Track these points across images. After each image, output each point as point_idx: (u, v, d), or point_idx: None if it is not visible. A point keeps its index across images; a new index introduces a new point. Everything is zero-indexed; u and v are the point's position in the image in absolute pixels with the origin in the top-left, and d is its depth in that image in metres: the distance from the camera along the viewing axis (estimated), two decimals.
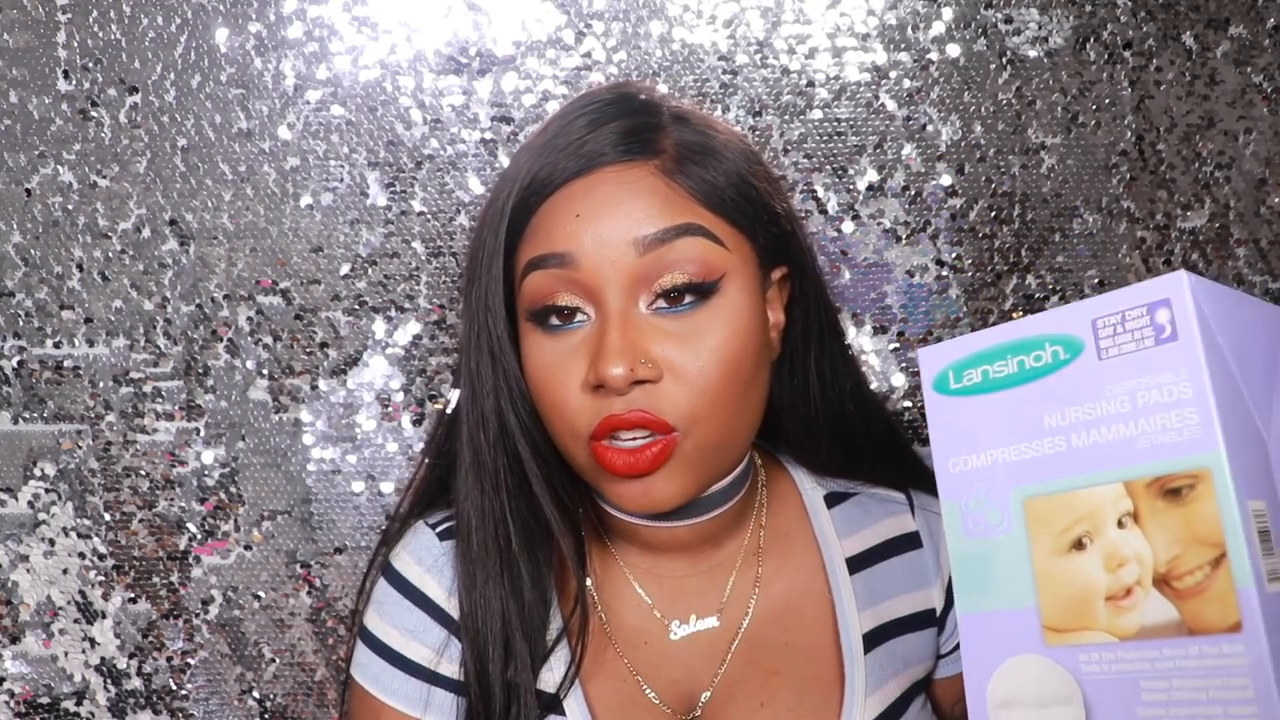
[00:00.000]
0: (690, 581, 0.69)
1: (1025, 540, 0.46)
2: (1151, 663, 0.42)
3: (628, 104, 0.64)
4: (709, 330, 0.59)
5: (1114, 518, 0.44)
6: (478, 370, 0.65)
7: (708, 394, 0.59)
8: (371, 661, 0.68)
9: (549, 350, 0.61)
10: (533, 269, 0.61)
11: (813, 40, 0.92)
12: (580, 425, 0.60)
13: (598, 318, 0.60)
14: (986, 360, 0.48)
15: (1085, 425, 0.45)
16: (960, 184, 0.93)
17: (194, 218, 0.92)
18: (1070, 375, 0.46)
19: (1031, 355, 0.47)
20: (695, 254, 0.59)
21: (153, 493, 0.93)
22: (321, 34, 0.91)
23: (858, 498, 0.73)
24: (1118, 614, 0.43)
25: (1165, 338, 0.43)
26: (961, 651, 0.48)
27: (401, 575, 0.69)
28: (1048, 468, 0.46)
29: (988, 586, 0.47)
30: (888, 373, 0.94)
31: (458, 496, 0.67)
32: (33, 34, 0.91)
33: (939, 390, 0.50)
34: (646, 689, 0.67)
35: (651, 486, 0.60)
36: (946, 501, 0.49)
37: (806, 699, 0.67)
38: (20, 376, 0.92)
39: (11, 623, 0.93)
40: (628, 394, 0.58)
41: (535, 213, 0.62)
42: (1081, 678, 0.44)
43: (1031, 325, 0.47)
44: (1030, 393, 0.47)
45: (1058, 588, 0.45)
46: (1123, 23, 0.93)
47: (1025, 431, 0.47)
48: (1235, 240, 0.94)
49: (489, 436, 0.65)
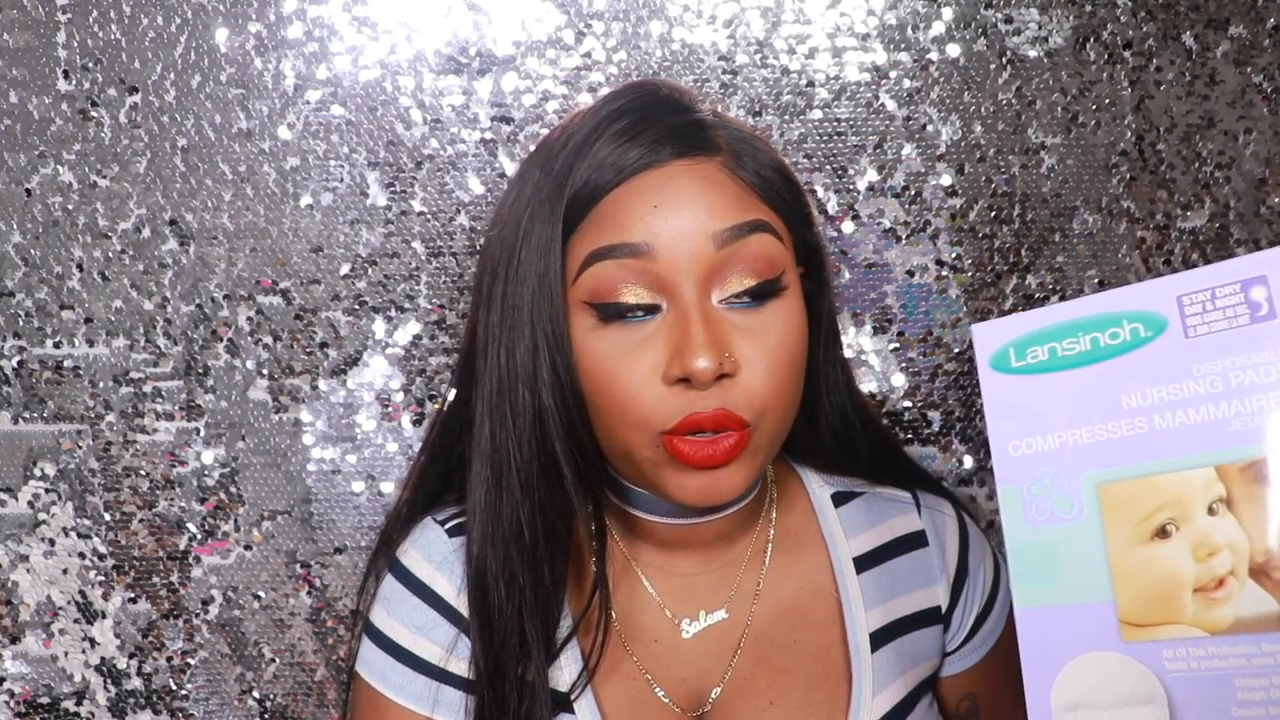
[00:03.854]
0: (701, 579, 0.69)
1: (1099, 528, 0.43)
2: (1248, 658, 0.39)
3: (671, 101, 0.64)
4: (774, 325, 0.60)
5: (1204, 504, 0.41)
6: (508, 361, 0.63)
7: (776, 388, 0.60)
8: (379, 659, 0.68)
9: (614, 342, 0.60)
10: (599, 259, 0.59)
11: (813, 40, 0.92)
12: (656, 419, 0.59)
13: (673, 310, 0.59)
14: (1054, 337, 0.45)
15: (1171, 406, 0.42)
16: (960, 184, 0.93)
17: (194, 218, 0.92)
18: (1153, 353, 0.43)
19: (1107, 333, 0.44)
20: (764, 250, 0.60)
21: (153, 493, 0.93)
22: (321, 34, 0.91)
23: (864, 497, 0.74)
24: (1209, 607, 0.41)
25: (1262, 315, 0.41)
26: (1020, 649, 0.44)
27: (410, 572, 0.69)
28: (1127, 451, 0.43)
29: (1053, 579, 0.44)
30: (888, 373, 0.94)
31: (471, 490, 0.66)
32: (33, 34, 0.91)
33: (998, 369, 0.46)
34: (656, 688, 0.67)
35: (720, 478, 0.59)
36: (1006, 486, 0.46)
37: (814, 697, 0.67)
38: (20, 376, 0.92)
39: (11, 623, 0.93)
40: (709, 388, 0.58)
41: (598, 203, 0.60)
42: (1165, 676, 0.41)
43: (1108, 301, 0.44)
44: (1106, 371, 0.44)
45: (1138, 579, 0.42)
46: (1123, 23, 0.93)
47: (1100, 412, 0.44)
48: (1235, 240, 0.94)
49: (518, 428, 0.63)
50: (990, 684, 0.74)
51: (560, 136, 0.64)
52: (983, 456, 0.95)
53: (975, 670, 0.74)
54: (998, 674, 0.74)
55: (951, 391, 0.95)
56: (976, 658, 0.73)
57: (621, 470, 0.64)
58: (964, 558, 0.73)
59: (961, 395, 0.95)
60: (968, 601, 0.72)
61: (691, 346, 0.57)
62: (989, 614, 0.73)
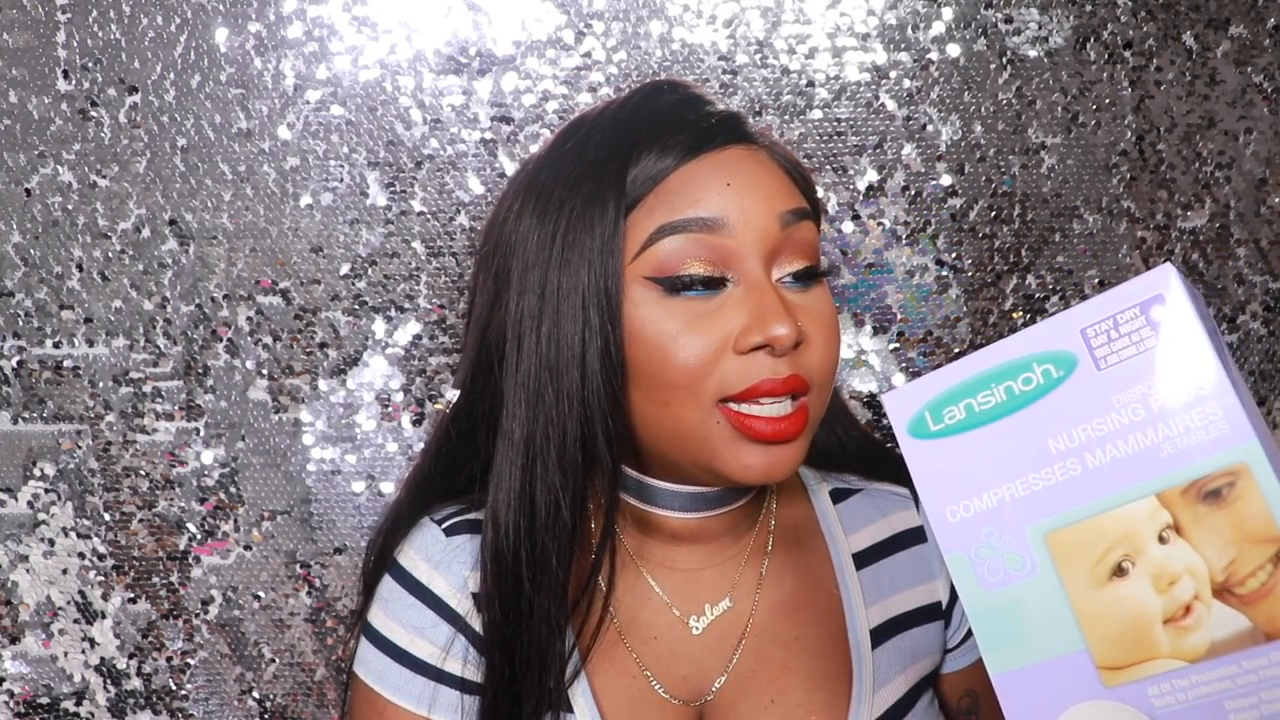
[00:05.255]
0: (704, 574, 0.69)
1: (1056, 579, 0.42)
2: (1232, 679, 0.39)
3: (703, 95, 0.67)
4: (821, 306, 0.63)
5: (1154, 534, 0.40)
6: (551, 345, 0.61)
7: (833, 361, 0.63)
8: (376, 659, 0.68)
9: (680, 312, 0.60)
10: (670, 233, 0.60)
11: (813, 40, 0.92)
12: (719, 387, 0.59)
13: (741, 284, 0.60)
14: (968, 393, 0.44)
15: (1098, 442, 0.41)
16: (960, 184, 0.93)
17: (194, 218, 0.92)
18: (1069, 392, 0.42)
19: (1020, 379, 0.43)
20: (812, 237, 0.64)
21: (152, 493, 0.93)
22: (321, 34, 0.91)
23: (862, 493, 0.74)
24: (1181, 635, 0.40)
25: (1166, 335, 0.40)
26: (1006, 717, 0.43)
27: (408, 572, 0.69)
28: (1065, 496, 0.42)
29: (1021, 639, 0.43)
30: (888, 373, 0.94)
31: (498, 481, 0.64)
32: (33, 34, 0.91)
33: (917, 435, 0.45)
34: (655, 684, 0.67)
35: (783, 453, 0.60)
36: (951, 554, 0.44)
37: (815, 694, 0.67)
38: (20, 376, 0.92)
39: (11, 623, 0.93)
40: (784, 356, 0.59)
41: (664, 180, 0.61)
42: (1155, 713, 0.40)
43: (1012, 347, 0.43)
44: (1027, 419, 0.43)
45: (1106, 622, 0.41)
46: (1123, 23, 0.93)
47: (1030, 462, 0.43)
48: (1235, 240, 0.94)
49: (559, 413, 0.61)
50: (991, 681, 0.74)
51: (598, 120, 0.65)
52: None
53: (976, 666, 0.74)
54: None
55: None
56: (977, 654, 0.73)
57: (667, 453, 0.63)
58: None
59: None
60: None
61: (772, 314, 0.59)
62: None
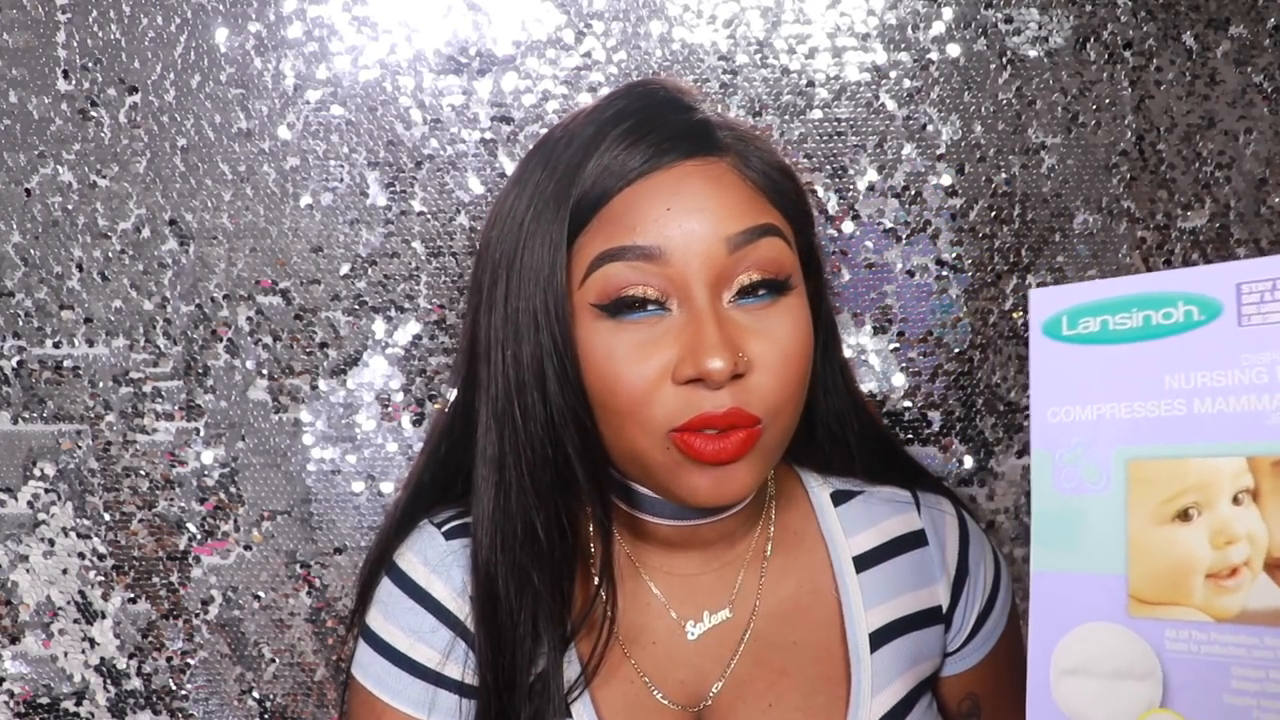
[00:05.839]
0: (702, 579, 0.69)
1: (1123, 503, 0.43)
2: (1249, 649, 0.40)
3: (675, 101, 0.64)
4: (782, 325, 0.60)
5: (1230, 492, 0.41)
6: (512, 360, 0.62)
7: (786, 387, 0.60)
8: (375, 662, 0.68)
9: (623, 340, 0.59)
10: (609, 260, 0.59)
11: (813, 40, 0.92)
12: (663, 417, 0.58)
13: (684, 311, 0.59)
14: (1108, 310, 0.45)
15: (1212, 392, 0.42)
16: (960, 184, 0.93)
17: (194, 218, 0.92)
18: (1203, 338, 0.42)
19: (1160, 312, 0.43)
20: (774, 253, 0.60)
21: (152, 493, 0.93)
22: (321, 34, 0.91)
23: (863, 496, 0.73)
24: (1218, 593, 0.41)
25: None
26: (1030, 611, 0.45)
27: (407, 575, 0.69)
28: (1161, 431, 0.43)
29: (1071, 546, 0.44)
30: (888, 373, 0.94)
31: (477, 495, 0.65)
32: (32, 34, 0.91)
33: (1049, 335, 0.46)
34: (654, 690, 0.66)
35: (730, 476, 0.59)
36: (1039, 450, 0.46)
37: (813, 698, 0.67)
38: (20, 376, 0.92)
39: (11, 623, 0.93)
40: (722, 387, 0.58)
41: (607, 204, 0.60)
42: (1164, 654, 0.41)
43: (1166, 280, 0.44)
44: (1153, 350, 0.43)
45: (1153, 558, 0.42)
46: (1123, 23, 0.93)
47: (1141, 390, 0.43)
48: (1235, 240, 0.94)
49: (528, 432, 0.62)
50: (992, 684, 0.74)
51: (563, 136, 0.64)
52: (982, 457, 0.95)
53: (976, 670, 0.73)
54: (999, 674, 0.74)
55: (951, 391, 0.95)
56: (978, 657, 0.73)
57: (628, 471, 0.64)
58: (964, 557, 0.73)
59: (962, 395, 0.95)
60: (968, 601, 0.72)
61: (705, 346, 0.57)
62: (990, 613, 0.73)
